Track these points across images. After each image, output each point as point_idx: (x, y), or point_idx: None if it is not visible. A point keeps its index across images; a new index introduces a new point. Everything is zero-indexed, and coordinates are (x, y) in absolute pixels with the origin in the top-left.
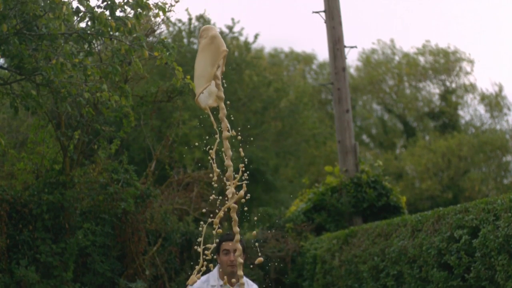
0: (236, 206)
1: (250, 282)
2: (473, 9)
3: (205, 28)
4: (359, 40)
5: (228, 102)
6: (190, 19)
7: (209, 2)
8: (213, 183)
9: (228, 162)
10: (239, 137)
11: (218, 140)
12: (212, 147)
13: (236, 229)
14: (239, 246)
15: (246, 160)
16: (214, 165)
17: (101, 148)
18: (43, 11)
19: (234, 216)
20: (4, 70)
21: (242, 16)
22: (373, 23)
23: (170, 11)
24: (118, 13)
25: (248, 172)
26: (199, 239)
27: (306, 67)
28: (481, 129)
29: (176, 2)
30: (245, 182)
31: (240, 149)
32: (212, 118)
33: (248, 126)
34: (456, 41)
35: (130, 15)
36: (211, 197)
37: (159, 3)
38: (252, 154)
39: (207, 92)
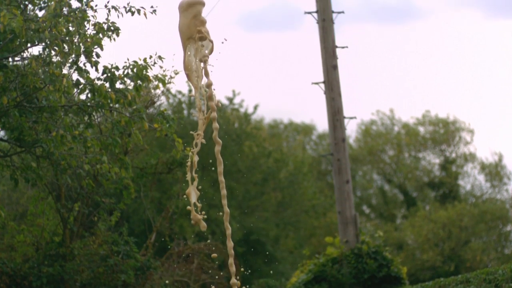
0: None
1: None
2: (472, 79)
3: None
4: (358, 111)
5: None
6: (190, 90)
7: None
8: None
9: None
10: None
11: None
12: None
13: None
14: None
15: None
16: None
17: (101, 220)
18: (43, 84)
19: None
20: (4, 143)
21: (242, 87)
22: (372, 93)
23: (170, 83)
24: (118, 85)
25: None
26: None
27: (305, 138)
28: (481, 198)
29: (176, 74)
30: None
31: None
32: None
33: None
34: (455, 111)
35: (130, 87)
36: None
37: (159, 75)
38: (252, 225)
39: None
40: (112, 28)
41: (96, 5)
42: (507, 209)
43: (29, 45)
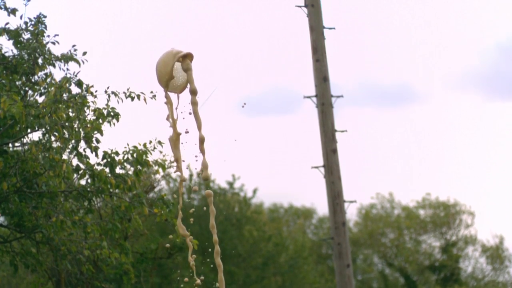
0: None
1: None
2: (472, 161)
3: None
4: (358, 194)
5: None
6: (191, 175)
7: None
8: None
9: None
10: None
11: None
12: None
13: None
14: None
15: None
16: None
17: None
18: (43, 169)
19: None
20: (4, 228)
21: (242, 171)
22: (372, 177)
23: (169, 167)
24: (118, 170)
25: None
26: None
27: (306, 221)
28: (482, 281)
29: None
30: None
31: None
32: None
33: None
34: (456, 193)
35: (130, 172)
36: None
37: (159, 160)
38: None
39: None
40: (112, 113)
41: (96, 91)
42: None
43: (29, 130)
